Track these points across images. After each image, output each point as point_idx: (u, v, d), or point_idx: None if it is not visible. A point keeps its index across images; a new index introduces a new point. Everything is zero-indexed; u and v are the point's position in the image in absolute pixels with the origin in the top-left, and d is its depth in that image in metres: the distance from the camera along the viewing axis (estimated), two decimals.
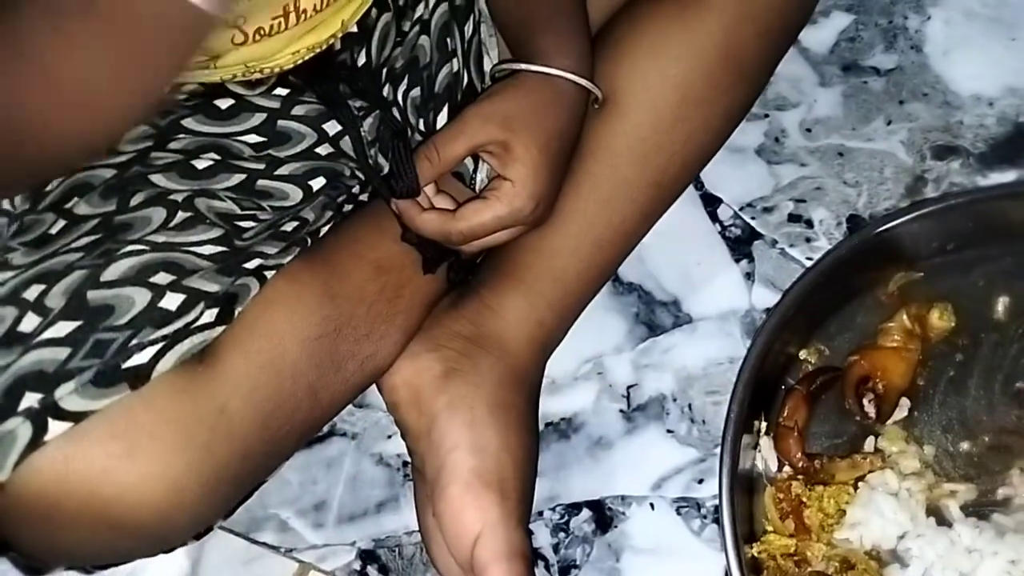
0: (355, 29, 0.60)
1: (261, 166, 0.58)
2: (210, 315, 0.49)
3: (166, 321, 0.47)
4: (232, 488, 0.52)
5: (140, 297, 0.47)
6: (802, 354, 0.65)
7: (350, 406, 0.66)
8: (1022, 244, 0.65)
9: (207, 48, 0.53)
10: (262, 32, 0.54)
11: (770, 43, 0.67)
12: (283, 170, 0.58)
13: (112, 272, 0.48)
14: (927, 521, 0.57)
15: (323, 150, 0.60)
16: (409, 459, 0.63)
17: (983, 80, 0.77)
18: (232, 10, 0.52)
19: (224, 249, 0.52)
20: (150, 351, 0.46)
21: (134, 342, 0.46)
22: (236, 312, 0.51)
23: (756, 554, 0.58)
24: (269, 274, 0.53)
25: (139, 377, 0.46)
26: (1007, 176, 0.73)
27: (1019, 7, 0.80)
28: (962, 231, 0.66)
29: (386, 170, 0.61)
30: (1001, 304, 0.64)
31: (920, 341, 0.63)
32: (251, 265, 0.52)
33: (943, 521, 0.58)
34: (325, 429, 0.67)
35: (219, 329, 0.49)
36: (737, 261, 0.72)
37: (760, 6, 0.64)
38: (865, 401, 0.61)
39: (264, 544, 0.64)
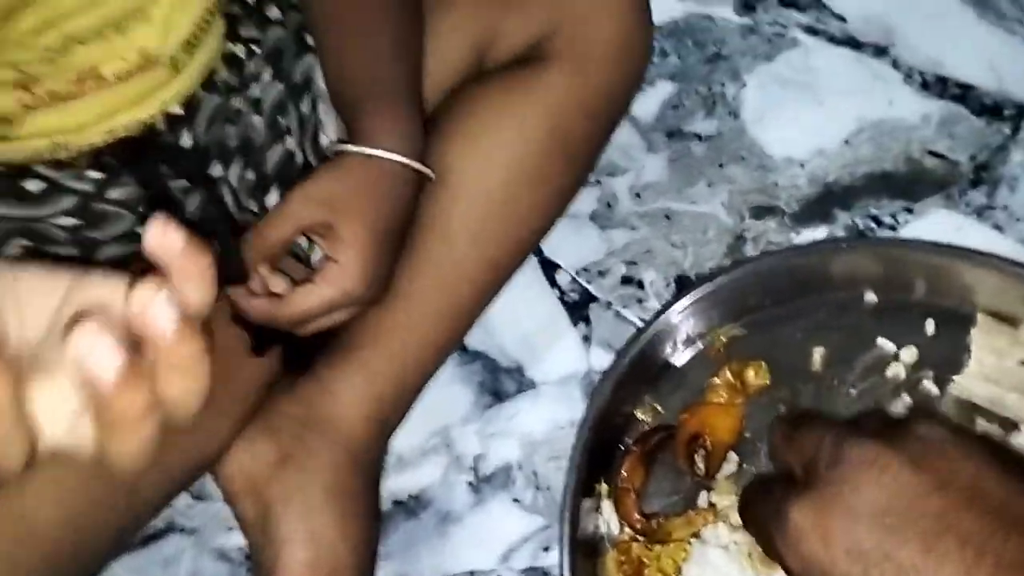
0: (179, 110, 0.59)
1: (76, 251, 0.56)
2: None
3: None
4: None
5: None
6: (638, 413, 0.67)
7: (188, 499, 0.64)
8: (833, 297, 0.70)
9: None
10: (56, 95, 0.52)
11: (597, 125, 0.70)
12: (101, 255, 0.57)
13: None
14: (757, 572, 0.59)
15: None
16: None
17: (794, 143, 0.82)
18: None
19: None
20: None
21: None
22: None
23: None
24: None
25: None
26: (819, 232, 0.78)
27: (825, 73, 0.86)
28: (779, 287, 0.70)
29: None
30: (817, 355, 0.68)
31: (744, 396, 0.66)
32: None
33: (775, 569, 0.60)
34: (161, 525, 0.64)
35: None
36: (576, 324, 0.74)
37: (585, 91, 0.66)
38: (696, 457, 0.63)
39: None
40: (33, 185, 0.56)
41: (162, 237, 0.28)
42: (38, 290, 0.29)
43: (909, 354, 0.67)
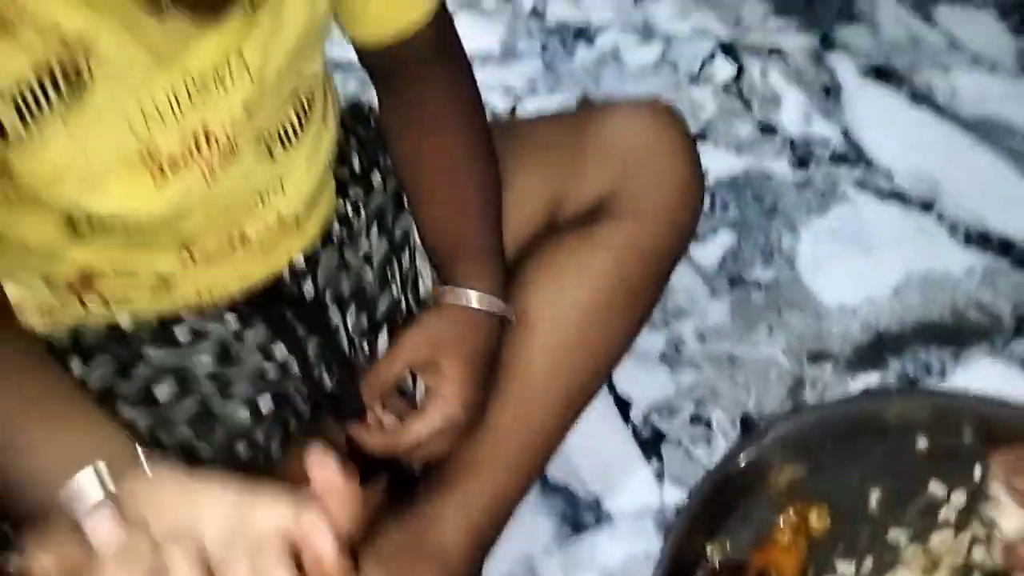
0: (302, 263, 0.69)
1: (214, 390, 0.65)
2: None
3: None
4: None
5: None
6: (708, 550, 0.73)
7: None
8: (889, 441, 0.75)
9: (160, 273, 0.60)
10: (208, 256, 0.61)
11: (656, 269, 0.78)
12: (234, 392, 0.65)
13: None
14: None
15: (272, 372, 0.67)
16: None
17: (846, 291, 0.89)
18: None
19: None
20: None
21: None
22: None
23: None
24: None
25: None
26: (872, 378, 0.84)
27: (874, 226, 0.94)
28: (838, 431, 0.76)
29: (331, 389, 0.68)
30: (874, 498, 0.73)
31: (806, 536, 0.72)
32: None
33: None
34: None
35: None
36: (649, 460, 0.81)
37: (645, 242, 0.75)
38: None
39: None
40: (182, 334, 0.65)
41: (322, 465, 0.34)
42: (208, 499, 0.36)
43: (959, 498, 0.72)
